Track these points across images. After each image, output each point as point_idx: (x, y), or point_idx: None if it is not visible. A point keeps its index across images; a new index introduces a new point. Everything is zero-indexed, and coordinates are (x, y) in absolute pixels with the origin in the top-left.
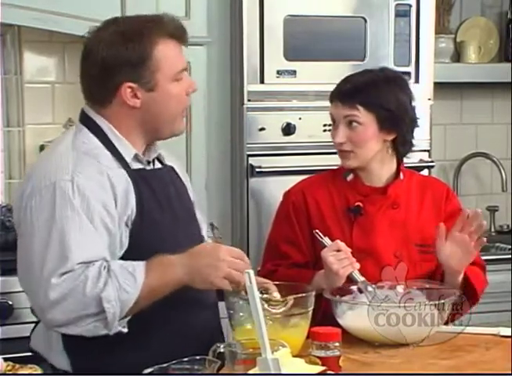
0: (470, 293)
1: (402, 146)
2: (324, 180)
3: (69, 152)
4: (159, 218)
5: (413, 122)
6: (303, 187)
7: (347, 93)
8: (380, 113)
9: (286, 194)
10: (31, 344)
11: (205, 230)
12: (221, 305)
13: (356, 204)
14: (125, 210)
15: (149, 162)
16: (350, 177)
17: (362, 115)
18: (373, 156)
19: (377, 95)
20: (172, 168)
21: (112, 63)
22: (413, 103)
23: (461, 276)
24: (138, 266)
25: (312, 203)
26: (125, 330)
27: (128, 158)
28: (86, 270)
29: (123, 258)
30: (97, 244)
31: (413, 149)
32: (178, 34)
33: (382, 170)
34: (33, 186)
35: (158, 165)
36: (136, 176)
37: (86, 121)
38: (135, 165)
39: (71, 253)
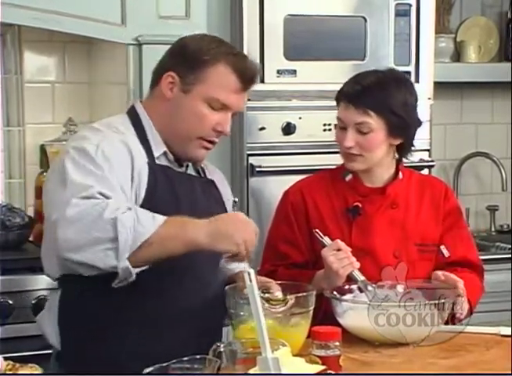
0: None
1: (406, 150)
2: (323, 180)
3: (103, 129)
4: (170, 214)
5: (419, 126)
6: (301, 187)
7: (358, 95)
8: (391, 119)
9: (285, 194)
10: (38, 317)
11: None
12: None
13: (355, 204)
14: (136, 191)
15: (181, 165)
16: (349, 177)
17: (374, 121)
18: (379, 160)
19: (388, 98)
20: (212, 181)
21: (176, 51)
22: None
23: None
24: (160, 215)
25: (311, 203)
26: (134, 273)
27: (157, 153)
28: (106, 201)
29: None
30: (118, 192)
31: (413, 148)
32: (242, 75)
33: (383, 172)
34: (63, 150)
35: (192, 172)
36: (157, 170)
37: (130, 111)
38: (163, 162)
39: (93, 185)
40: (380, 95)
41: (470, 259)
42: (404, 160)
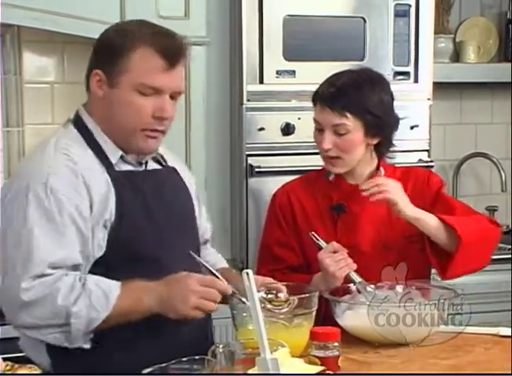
0: (454, 238)
1: (385, 148)
2: (308, 180)
3: (52, 153)
4: (141, 219)
5: (396, 124)
6: (287, 189)
7: (334, 98)
8: (368, 119)
9: (273, 197)
10: (20, 342)
11: (209, 233)
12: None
13: (339, 202)
14: (103, 213)
15: (141, 163)
16: (332, 176)
17: (351, 122)
18: (358, 160)
19: (364, 99)
20: (174, 169)
21: (97, 47)
22: (394, 103)
23: (425, 221)
24: (115, 287)
25: (297, 203)
26: (87, 346)
27: (114, 159)
28: (59, 280)
29: (101, 258)
30: (67, 247)
31: (413, 148)
32: (166, 53)
33: (364, 169)
34: (10, 187)
35: (154, 166)
36: (120, 178)
37: (76, 120)
38: (123, 166)
39: (40, 256)
40: (355, 96)
41: (475, 213)
42: (403, 160)
